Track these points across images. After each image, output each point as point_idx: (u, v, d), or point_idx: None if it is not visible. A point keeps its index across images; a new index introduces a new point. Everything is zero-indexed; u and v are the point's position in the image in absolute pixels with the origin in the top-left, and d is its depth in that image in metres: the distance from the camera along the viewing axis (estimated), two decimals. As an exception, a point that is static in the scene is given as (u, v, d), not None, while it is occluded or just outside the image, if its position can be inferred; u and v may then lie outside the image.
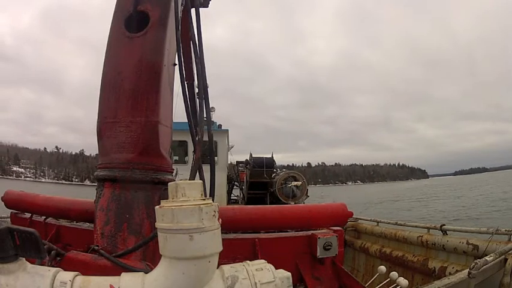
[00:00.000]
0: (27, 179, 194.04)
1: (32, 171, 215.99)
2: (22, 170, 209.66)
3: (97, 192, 1.85)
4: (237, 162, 14.06)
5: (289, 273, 1.36)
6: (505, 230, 3.95)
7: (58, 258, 1.64)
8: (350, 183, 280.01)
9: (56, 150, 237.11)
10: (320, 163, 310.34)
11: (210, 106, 2.19)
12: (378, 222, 6.49)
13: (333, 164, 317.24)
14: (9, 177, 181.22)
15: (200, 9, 2.22)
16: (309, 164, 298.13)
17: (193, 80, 3.25)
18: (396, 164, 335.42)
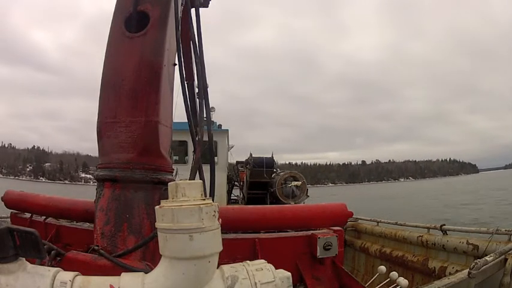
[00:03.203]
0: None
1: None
2: (90, 176, 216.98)
3: (97, 192, 1.85)
4: (236, 162, 14.08)
5: (289, 273, 1.36)
6: (505, 230, 3.96)
7: (58, 258, 1.64)
8: (402, 179, 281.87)
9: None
10: (374, 161, 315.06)
11: (210, 106, 2.19)
12: (377, 222, 6.50)
13: (387, 161, 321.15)
14: (78, 183, 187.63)
15: (203, 9, 2.22)
16: (363, 162, 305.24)
17: (193, 80, 3.25)
18: (447, 159, 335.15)
